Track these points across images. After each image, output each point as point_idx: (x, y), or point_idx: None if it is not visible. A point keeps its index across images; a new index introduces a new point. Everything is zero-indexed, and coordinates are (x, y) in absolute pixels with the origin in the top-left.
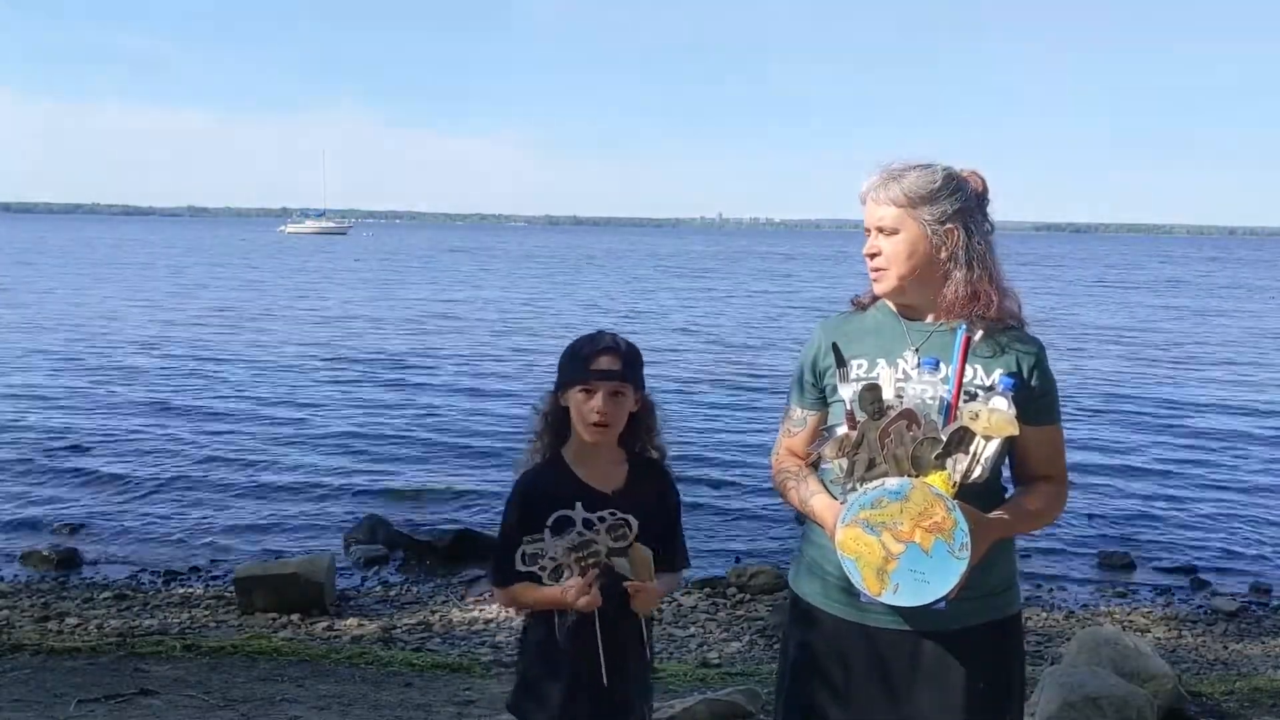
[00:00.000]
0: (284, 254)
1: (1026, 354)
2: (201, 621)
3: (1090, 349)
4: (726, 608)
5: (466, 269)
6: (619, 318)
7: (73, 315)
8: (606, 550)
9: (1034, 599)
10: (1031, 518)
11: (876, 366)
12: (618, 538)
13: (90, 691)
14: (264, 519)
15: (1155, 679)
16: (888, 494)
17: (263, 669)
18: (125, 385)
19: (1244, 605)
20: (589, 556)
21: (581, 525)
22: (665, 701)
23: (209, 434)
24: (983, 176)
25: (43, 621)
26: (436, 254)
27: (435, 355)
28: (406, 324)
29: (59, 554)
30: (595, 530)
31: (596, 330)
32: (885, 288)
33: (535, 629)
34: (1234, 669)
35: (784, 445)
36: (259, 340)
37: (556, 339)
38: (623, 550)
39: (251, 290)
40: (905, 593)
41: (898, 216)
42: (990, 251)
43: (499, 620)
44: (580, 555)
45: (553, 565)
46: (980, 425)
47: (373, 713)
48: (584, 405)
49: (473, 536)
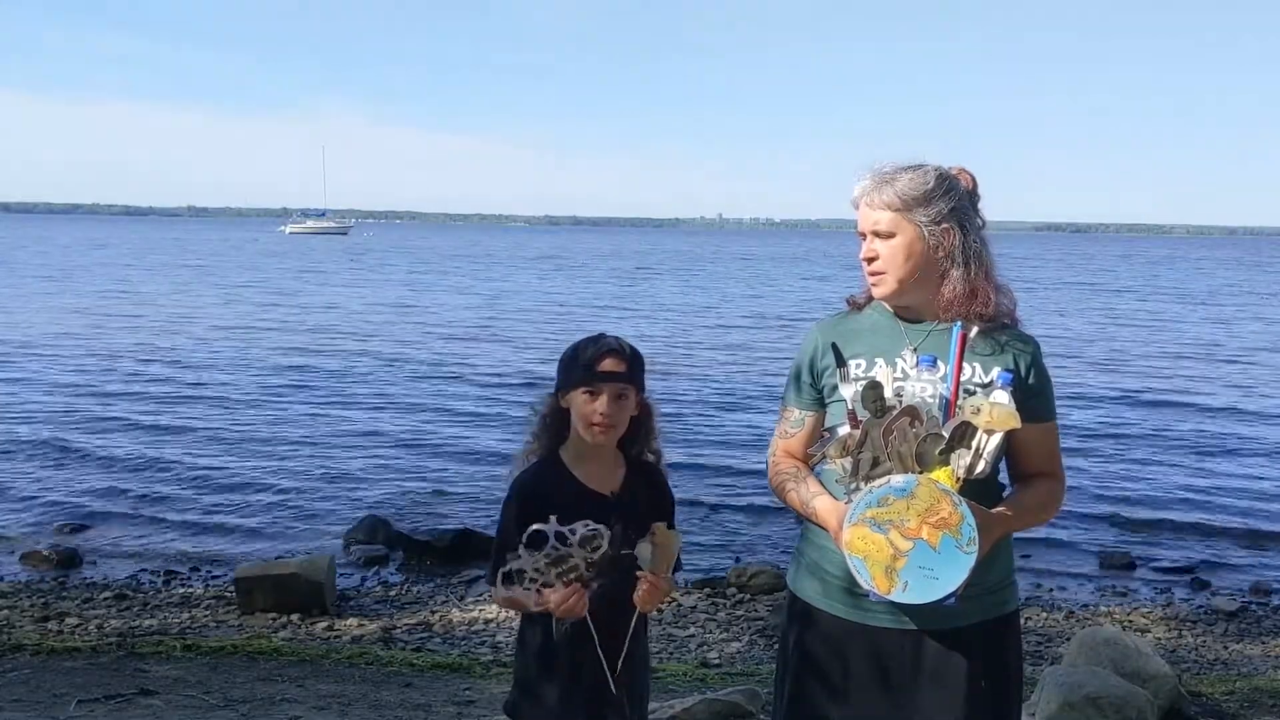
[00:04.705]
0: (285, 254)
1: (1023, 352)
2: (201, 621)
3: (1090, 349)
4: (726, 608)
5: (466, 269)
6: (618, 318)
7: (74, 315)
8: (585, 562)
9: (1034, 599)
10: (1032, 514)
11: (875, 366)
12: (593, 549)
13: (90, 691)
14: (264, 519)
15: (1155, 679)
16: (894, 491)
17: (263, 669)
18: (125, 386)
19: (1244, 605)
20: (568, 571)
21: (555, 539)
22: (665, 701)
23: (209, 434)
24: (971, 174)
25: (43, 621)
26: (437, 254)
27: (435, 355)
28: (407, 324)
29: (59, 554)
30: (569, 544)
31: (598, 332)
32: (884, 291)
33: (532, 630)
34: (1234, 669)
35: (781, 446)
36: (259, 340)
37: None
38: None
39: (251, 290)
40: (914, 590)
41: (893, 220)
42: (985, 249)
43: (499, 620)
44: (560, 570)
45: (539, 580)
46: (982, 420)
47: (373, 713)
48: (587, 407)
49: (473, 536)
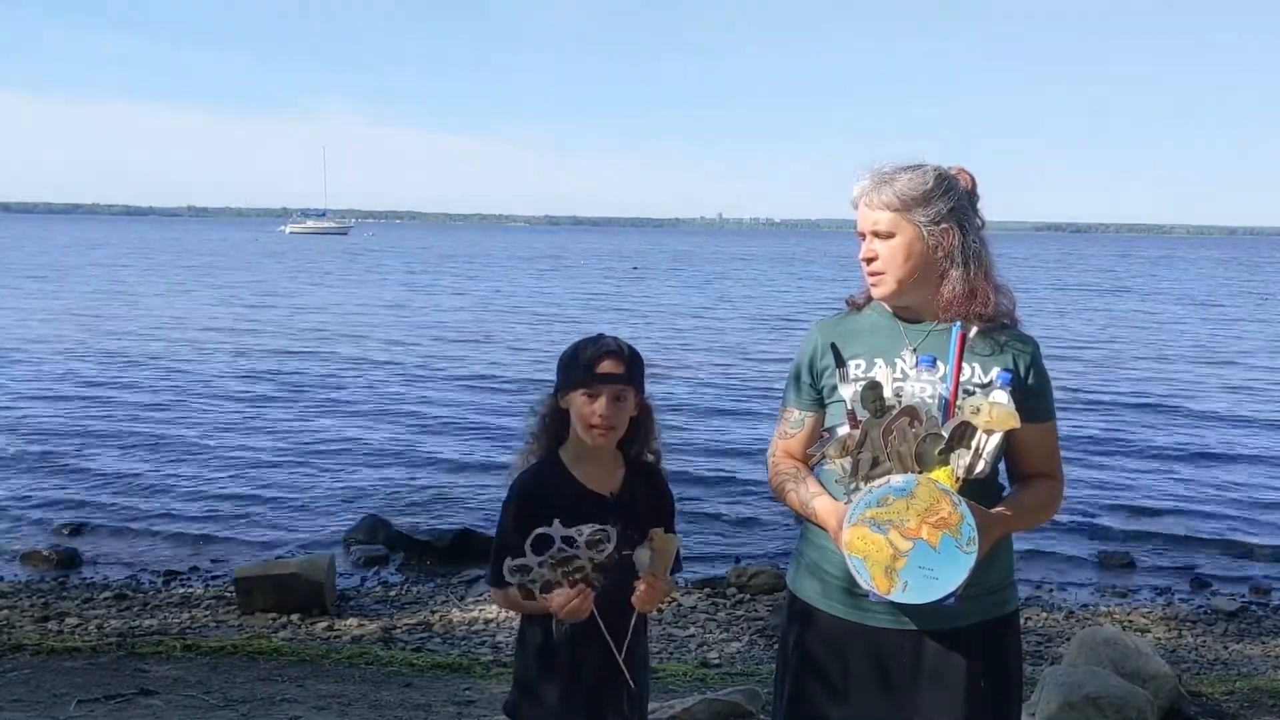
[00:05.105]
0: (285, 254)
1: (1023, 352)
2: (201, 621)
3: (1089, 349)
4: (726, 608)
5: (467, 269)
6: (618, 317)
7: (76, 316)
8: (591, 563)
9: (1034, 599)
10: (1031, 513)
11: (874, 366)
12: (599, 550)
13: (90, 691)
14: (264, 519)
15: (1155, 679)
16: (893, 491)
17: (263, 669)
18: (126, 386)
19: (1244, 605)
20: (574, 571)
21: (561, 542)
22: (665, 701)
23: (209, 434)
24: (970, 173)
25: (43, 621)
26: (436, 255)
27: (436, 356)
28: (407, 324)
29: (59, 554)
30: (575, 545)
31: (597, 333)
32: (884, 291)
33: (532, 630)
34: (1234, 669)
35: (781, 447)
36: (259, 340)
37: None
38: (609, 559)
39: (251, 290)
40: (914, 590)
41: (893, 220)
42: (984, 249)
43: (499, 620)
44: (566, 571)
45: (542, 580)
46: (982, 419)
47: (373, 713)
48: (586, 408)
49: (473, 536)
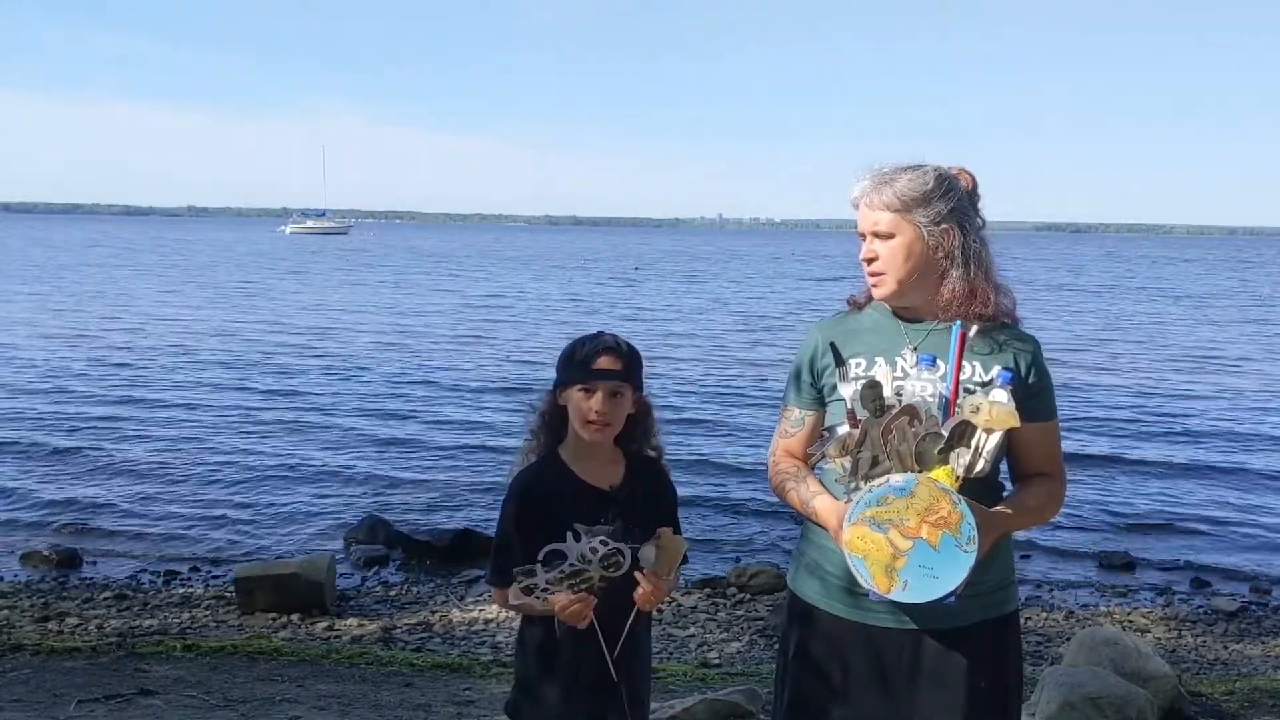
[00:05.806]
0: (286, 254)
1: (1023, 351)
2: (201, 621)
3: (1089, 350)
4: (726, 608)
5: (467, 269)
6: (617, 316)
7: (78, 316)
8: (599, 576)
9: (1034, 599)
10: (1032, 513)
11: (874, 365)
12: (609, 566)
13: (90, 691)
14: (264, 519)
15: (1155, 679)
16: (893, 490)
17: (263, 669)
18: (126, 386)
19: (1244, 605)
20: (582, 583)
21: (575, 559)
22: (665, 701)
23: (209, 434)
24: (971, 174)
25: (43, 621)
26: (437, 255)
27: (436, 355)
28: (407, 323)
29: (59, 554)
30: (588, 562)
31: (596, 330)
32: (884, 292)
33: (532, 630)
34: (1234, 669)
35: (781, 446)
36: (259, 341)
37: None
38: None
39: (251, 290)
40: (914, 589)
41: (893, 220)
42: (985, 248)
43: (499, 620)
44: (573, 582)
45: (551, 590)
46: (981, 419)
47: (373, 713)
48: (583, 405)
49: (473, 536)
